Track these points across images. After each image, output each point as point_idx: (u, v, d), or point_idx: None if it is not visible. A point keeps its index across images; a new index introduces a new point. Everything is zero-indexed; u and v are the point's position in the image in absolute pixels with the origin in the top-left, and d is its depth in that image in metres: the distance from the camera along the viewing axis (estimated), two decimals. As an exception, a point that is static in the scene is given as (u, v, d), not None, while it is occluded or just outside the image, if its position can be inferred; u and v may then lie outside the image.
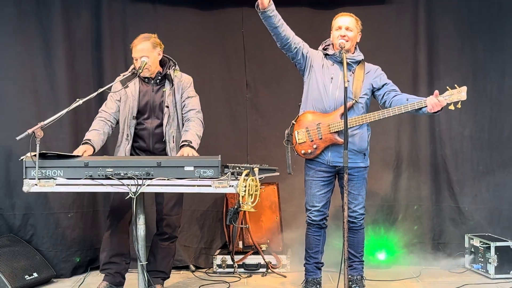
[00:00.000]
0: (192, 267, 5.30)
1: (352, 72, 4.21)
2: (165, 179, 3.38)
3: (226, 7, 5.57)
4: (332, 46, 4.26)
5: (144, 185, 3.35)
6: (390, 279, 4.90)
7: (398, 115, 4.10)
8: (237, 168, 3.43)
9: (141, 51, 4.09)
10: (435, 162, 5.48)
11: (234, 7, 5.53)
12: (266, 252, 5.23)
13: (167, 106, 4.16)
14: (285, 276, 5.04)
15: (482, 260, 5.03)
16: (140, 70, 4.05)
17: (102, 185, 3.39)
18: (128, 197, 3.37)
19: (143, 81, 4.22)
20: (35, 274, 4.75)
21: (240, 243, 5.26)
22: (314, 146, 4.17)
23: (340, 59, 4.12)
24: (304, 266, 4.42)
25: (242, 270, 5.16)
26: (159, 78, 4.21)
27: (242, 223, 5.18)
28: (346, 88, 3.81)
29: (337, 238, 4.97)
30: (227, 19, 5.59)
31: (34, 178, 3.36)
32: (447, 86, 3.98)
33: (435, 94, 3.95)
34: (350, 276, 4.26)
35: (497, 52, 5.36)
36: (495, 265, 4.91)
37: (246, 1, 5.32)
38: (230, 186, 3.32)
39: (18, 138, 3.35)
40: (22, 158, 3.40)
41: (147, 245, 3.87)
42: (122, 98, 4.19)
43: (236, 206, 3.43)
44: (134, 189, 3.34)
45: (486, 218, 5.38)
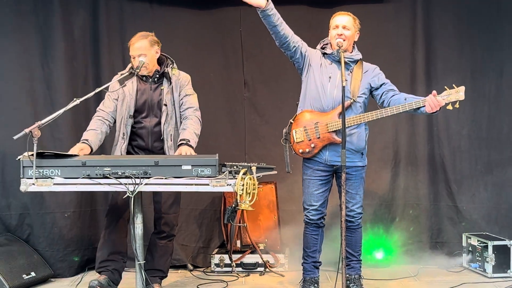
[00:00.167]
0: (190, 266, 5.30)
1: (350, 71, 4.20)
2: (162, 178, 3.39)
3: (224, 6, 5.56)
4: (330, 45, 4.25)
5: (141, 184, 3.35)
6: (388, 278, 4.90)
7: (396, 115, 4.10)
8: (234, 166, 3.43)
9: (138, 49, 4.08)
10: (433, 161, 5.48)
11: (232, 6, 5.51)
12: (264, 251, 5.23)
13: (165, 104, 4.16)
14: (283, 275, 5.05)
15: (480, 259, 5.04)
16: (137, 70, 4.05)
17: (100, 184, 3.39)
18: (125, 196, 3.37)
19: (141, 79, 4.21)
20: (33, 274, 4.74)
21: (238, 242, 5.26)
22: (312, 145, 4.17)
23: (338, 58, 4.11)
24: (302, 265, 4.41)
25: (240, 269, 5.16)
26: (157, 76, 4.20)
27: (240, 222, 5.18)
28: (344, 87, 3.80)
29: (335, 237, 4.96)
30: (225, 18, 5.59)
31: (32, 178, 3.36)
32: (445, 86, 3.98)
33: (433, 94, 3.94)
34: (348, 275, 4.26)
35: (495, 51, 5.36)
36: (493, 264, 4.91)
37: (244, 0, 5.34)
38: (227, 184, 3.33)
39: (16, 137, 3.35)
40: (19, 157, 3.39)
41: (145, 244, 3.87)
42: (120, 97, 4.19)
43: (234, 205, 3.43)
44: (131, 188, 3.34)
45: (484, 217, 5.38)
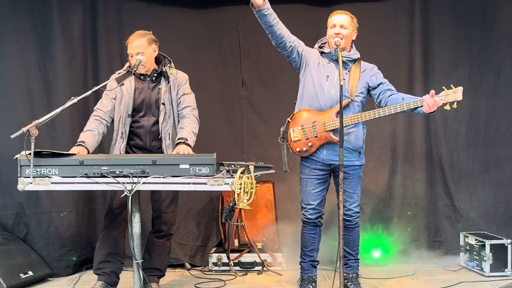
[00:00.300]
0: (187, 265, 5.29)
1: (348, 70, 4.20)
2: (160, 177, 3.39)
3: (222, 6, 5.55)
4: (328, 44, 4.25)
5: (139, 183, 3.35)
6: (385, 277, 4.90)
7: (393, 114, 4.10)
8: (232, 165, 3.43)
9: (136, 48, 4.08)
10: (431, 160, 5.48)
11: (230, 6, 5.52)
12: (262, 250, 5.23)
13: (163, 103, 4.16)
14: (280, 274, 5.04)
15: (477, 258, 5.04)
16: (135, 68, 4.05)
17: (98, 183, 3.39)
18: (123, 195, 3.37)
19: (139, 78, 4.20)
20: (30, 273, 4.73)
21: (235, 241, 5.26)
22: (309, 144, 4.17)
23: (336, 57, 4.10)
24: (299, 264, 4.42)
25: (237, 268, 5.16)
26: (155, 75, 4.20)
27: (237, 221, 5.18)
28: (341, 86, 3.80)
29: (332, 236, 4.97)
30: (223, 18, 5.58)
31: (29, 177, 3.35)
32: (443, 86, 3.98)
33: (431, 94, 3.94)
34: (345, 274, 4.26)
35: (492, 50, 5.36)
36: (490, 263, 4.92)
37: (242, -1, 5.34)
38: (225, 184, 3.33)
39: (13, 136, 3.34)
40: (16, 156, 3.39)
41: (143, 243, 3.87)
42: (118, 96, 4.17)
43: (231, 204, 3.43)
44: (129, 187, 3.34)
45: (481, 216, 5.39)
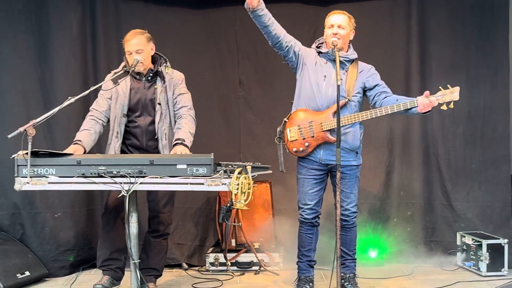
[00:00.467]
0: (185, 265, 5.29)
1: (345, 70, 4.20)
2: (158, 177, 3.38)
3: (219, 6, 5.55)
4: (325, 44, 4.25)
5: (136, 183, 3.35)
6: (382, 277, 4.91)
7: (390, 114, 4.10)
8: (229, 166, 3.43)
9: (136, 45, 4.07)
10: (428, 160, 5.48)
11: (227, 6, 5.51)
12: (259, 250, 5.23)
13: (159, 103, 4.15)
14: (277, 274, 5.04)
15: (474, 257, 5.05)
16: (132, 68, 4.04)
17: (95, 183, 3.39)
18: (120, 195, 3.37)
19: (135, 78, 4.19)
20: (27, 273, 4.73)
21: (233, 241, 5.26)
22: (306, 144, 4.17)
23: (333, 57, 4.10)
24: (296, 264, 4.43)
25: (235, 268, 5.16)
26: (151, 75, 4.19)
27: (235, 221, 5.17)
28: (339, 86, 3.80)
29: (329, 236, 4.97)
30: (220, 18, 5.58)
31: (26, 176, 3.35)
32: (440, 86, 3.99)
33: (426, 94, 3.95)
34: (342, 274, 4.27)
35: (490, 50, 5.36)
36: (487, 262, 4.93)
37: (239, -1, 5.33)
38: (222, 184, 3.33)
39: (10, 136, 3.34)
40: (13, 156, 3.38)
41: (140, 243, 3.87)
42: (113, 96, 4.17)
43: (228, 204, 3.43)
44: (126, 187, 3.34)
45: (478, 216, 5.39)
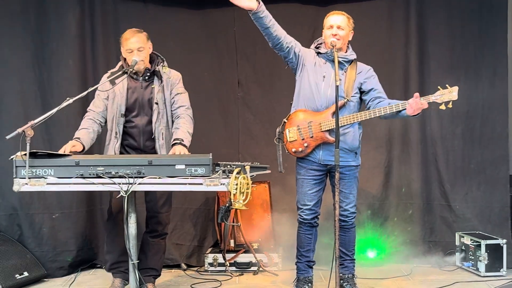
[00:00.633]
0: (183, 266, 5.29)
1: (344, 71, 4.20)
2: (156, 178, 3.38)
3: (218, 7, 5.53)
4: (324, 44, 4.25)
5: (135, 183, 3.35)
6: (381, 277, 4.91)
7: (383, 116, 4.09)
8: (228, 166, 3.43)
9: (137, 43, 4.07)
10: (427, 160, 5.48)
11: (226, 6, 5.48)
12: (258, 250, 5.23)
13: (157, 103, 4.14)
14: (276, 274, 5.04)
15: (473, 258, 5.05)
16: (131, 69, 4.03)
17: (93, 184, 3.39)
18: (119, 195, 3.37)
19: (132, 77, 4.18)
20: (26, 273, 4.73)
21: (231, 242, 5.26)
22: (305, 145, 4.17)
23: (332, 58, 4.09)
24: (295, 265, 4.42)
25: (233, 268, 5.16)
26: (148, 74, 4.18)
27: (233, 222, 5.17)
28: (337, 86, 3.80)
29: (328, 236, 4.96)
30: (219, 18, 5.57)
31: (25, 177, 3.35)
32: (438, 86, 3.99)
33: (416, 96, 3.96)
34: (341, 274, 4.27)
35: (488, 50, 5.36)
36: (486, 263, 4.93)
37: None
38: (221, 184, 3.33)
39: (8, 137, 3.33)
40: (12, 157, 3.38)
41: (138, 243, 3.86)
42: (110, 96, 4.16)
43: (227, 204, 3.43)
44: (125, 187, 3.34)
45: (477, 216, 5.39)
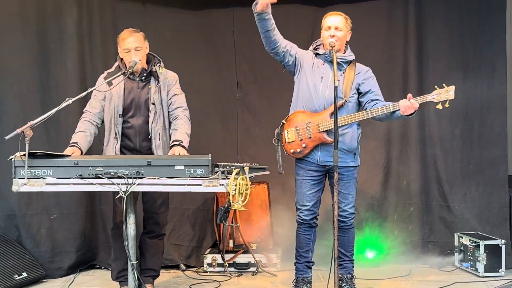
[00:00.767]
0: (182, 266, 5.28)
1: (342, 72, 4.21)
2: (155, 178, 3.38)
3: (217, 7, 5.55)
4: (322, 45, 4.26)
5: (134, 184, 3.35)
6: (380, 278, 4.91)
7: (380, 116, 4.10)
8: (227, 167, 3.43)
9: (135, 42, 4.07)
10: (425, 160, 5.48)
11: (225, 7, 5.52)
12: (257, 251, 5.23)
13: (153, 103, 4.13)
14: (275, 275, 5.04)
15: (472, 258, 5.06)
16: (130, 70, 4.02)
17: (92, 184, 3.39)
18: (118, 196, 3.37)
19: (128, 78, 4.15)
20: (25, 274, 4.72)
21: (230, 242, 5.26)
22: (303, 145, 4.17)
23: (330, 59, 4.10)
24: (294, 265, 4.42)
25: (232, 269, 5.16)
26: (145, 74, 4.17)
27: (232, 222, 5.17)
28: (336, 87, 3.81)
29: (327, 237, 4.97)
30: (218, 19, 5.58)
31: (24, 178, 3.35)
32: (435, 86, 4.00)
33: (409, 97, 3.97)
34: (340, 275, 4.27)
35: (487, 50, 5.36)
36: (484, 263, 4.93)
37: (236, 1, 5.32)
38: (220, 185, 3.33)
39: (7, 137, 3.33)
40: (11, 157, 3.38)
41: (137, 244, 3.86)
42: (107, 96, 4.14)
43: (226, 205, 3.43)
44: (124, 188, 3.34)
45: (476, 217, 5.39)
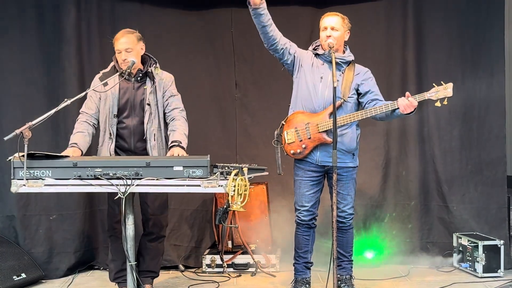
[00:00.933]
0: (181, 267, 5.28)
1: (342, 72, 4.21)
2: (154, 179, 3.38)
3: (216, 8, 5.55)
4: (321, 46, 4.26)
5: (133, 185, 3.34)
6: (379, 278, 4.91)
7: (379, 115, 4.11)
8: (226, 167, 3.43)
9: (125, 43, 4.05)
10: (424, 161, 5.49)
11: (223, 7, 5.51)
12: (255, 251, 5.23)
13: (149, 104, 4.12)
14: (274, 275, 5.04)
15: (470, 259, 5.06)
16: (128, 70, 4.02)
17: (91, 185, 3.38)
18: (117, 197, 3.36)
19: (124, 78, 4.15)
20: (23, 275, 4.72)
21: (229, 243, 5.26)
22: (303, 146, 4.17)
23: (329, 59, 4.11)
24: (293, 266, 4.42)
25: (231, 269, 5.16)
26: (140, 75, 4.16)
27: (231, 223, 5.17)
28: (335, 88, 3.81)
29: (326, 237, 4.98)
30: (217, 19, 5.58)
31: (23, 179, 3.35)
32: (433, 83, 4.01)
33: (407, 95, 3.97)
34: (339, 275, 4.27)
35: (485, 51, 5.37)
36: (483, 264, 4.94)
37: (235, 1, 5.32)
38: (219, 186, 3.32)
39: (6, 138, 3.33)
40: (10, 158, 3.38)
41: (136, 244, 3.86)
42: (102, 97, 4.13)
43: (225, 206, 3.43)
44: (123, 189, 3.33)
45: (474, 217, 5.40)
